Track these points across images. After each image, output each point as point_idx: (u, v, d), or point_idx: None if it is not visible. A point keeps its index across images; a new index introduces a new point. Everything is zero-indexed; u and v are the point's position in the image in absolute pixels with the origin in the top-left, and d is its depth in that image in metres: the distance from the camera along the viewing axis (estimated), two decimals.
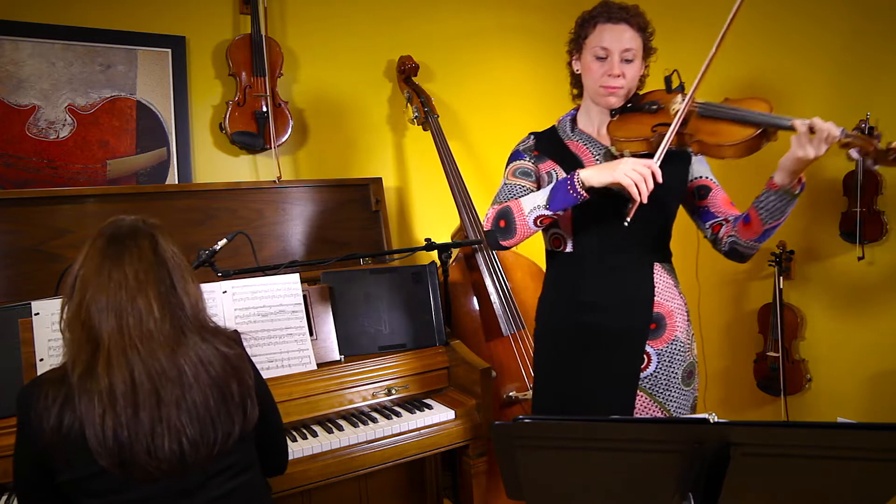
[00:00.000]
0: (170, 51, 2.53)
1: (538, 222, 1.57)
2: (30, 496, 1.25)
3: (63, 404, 1.16)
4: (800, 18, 2.56)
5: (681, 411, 1.62)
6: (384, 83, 2.99)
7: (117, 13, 2.44)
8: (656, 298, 1.61)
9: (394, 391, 2.12)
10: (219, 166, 2.65)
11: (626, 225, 1.46)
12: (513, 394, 2.41)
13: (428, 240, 2.40)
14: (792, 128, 1.38)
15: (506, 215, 1.61)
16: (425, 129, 2.84)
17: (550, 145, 1.73)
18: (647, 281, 1.61)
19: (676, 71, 1.60)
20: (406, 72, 2.86)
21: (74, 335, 1.21)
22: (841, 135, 1.34)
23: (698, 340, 2.96)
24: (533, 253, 2.52)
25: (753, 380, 2.76)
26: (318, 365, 2.02)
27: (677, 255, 1.76)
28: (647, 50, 1.64)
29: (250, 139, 2.58)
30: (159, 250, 1.27)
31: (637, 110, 1.63)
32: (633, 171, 1.42)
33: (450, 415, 2.05)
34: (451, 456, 2.19)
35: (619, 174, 1.43)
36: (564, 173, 1.64)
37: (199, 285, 1.33)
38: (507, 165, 1.76)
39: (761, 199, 1.49)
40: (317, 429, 1.94)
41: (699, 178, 1.67)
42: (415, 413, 2.04)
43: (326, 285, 2.14)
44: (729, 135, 1.48)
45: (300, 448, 1.81)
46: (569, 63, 1.73)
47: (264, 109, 2.59)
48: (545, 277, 1.81)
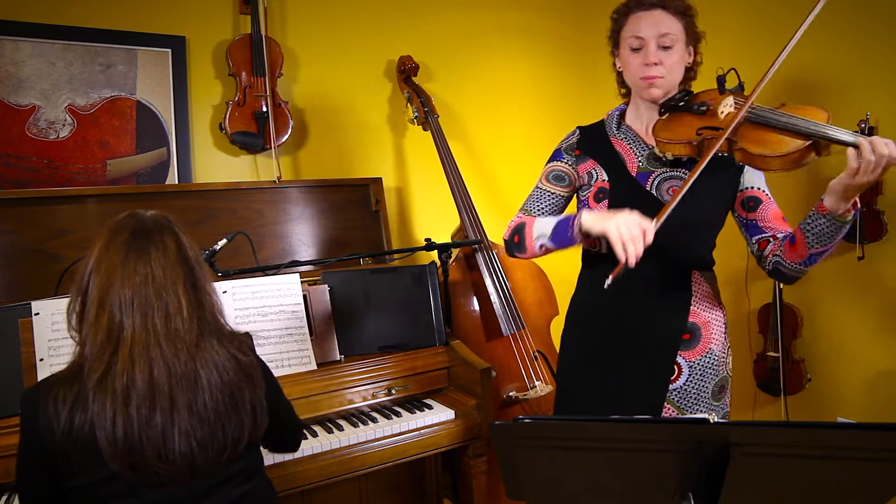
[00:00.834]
0: (170, 51, 2.53)
1: (542, 249, 1.53)
2: (35, 501, 1.22)
3: (74, 405, 1.13)
4: (800, 19, 2.56)
5: None
6: (384, 83, 2.99)
7: (117, 13, 2.44)
8: (692, 307, 1.52)
9: (394, 391, 2.12)
10: (219, 166, 2.65)
11: (605, 287, 1.28)
12: (513, 394, 2.41)
13: (428, 240, 2.40)
14: (851, 144, 1.24)
15: (520, 232, 1.58)
16: (425, 129, 2.84)
17: (595, 143, 1.62)
18: (683, 288, 1.52)
19: (734, 69, 1.46)
20: (406, 72, 2.86)
21: (91, 331, 1.16)
22: None
23: None
24: None
25: (753, 380, 2.76)
26: (318, 365, 2.02)
27: None
28: (691, 34, 1.50)
29: (250, 139, 2.59)
30: (183, 248, 1.24)
31: (686, 110, 1.48)
32: (626, 229, 1.29)
33: (450, 415, 2.05)
34: (451, 456, 2.19)
35: (611, 227, 1.31)
36: (606, 175, 1.56)
37: (215, 287, 1.30)
38: (547, 164, 1.67)
39: (809, 221, 1.36)
40: (317, 429, 1.94)
41: (750, 188, 1.53)
42: (415, 413, 2.04)
43: (326, 285, 2.14)
44: (776, 145, 1.33)
45: (300, 448, 1.81)
46: (613, 63, 1.62)
47: (264, 109, 2.59)
48: (579, 277, 1.69)
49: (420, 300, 2.26)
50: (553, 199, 1.63)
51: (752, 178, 1.54)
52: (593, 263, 1.61)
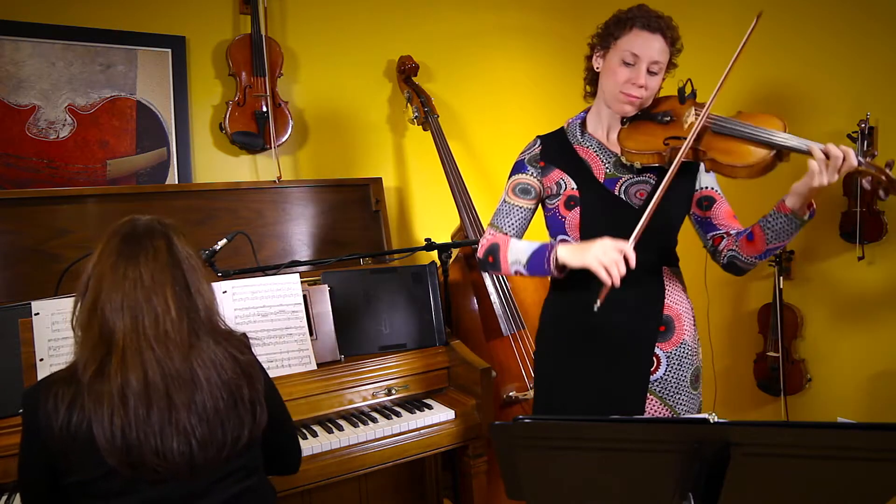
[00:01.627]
0: (170, 51, 2.53)
1: (518, 274, 1.60)
2: (37, 499, 1.24)
3: (72, 403, 1.15)
4: (800, 20, 2.56)
5: (690, 415, 1.60)
6: (384, 83, 2.99)
7: (117, 13, 2.44)
8: (666, 301, 1.60)
9: (394, 391, 2.12)
10: (219, 166, 2.65)
11: (595, 310, 1.39)
12: (513, 394, 2.41)
13: (428, 240, 2.40)
14: (806, 152, 1.35)
15: (494, 253, 1.63)
16: (425, 129, 2.84)
17: (558, 152, 1.67)
18: (656, 284, 1.60)
19: (690, 80, 1.54)
20: (406, 72, 2.86)
21: (87, 333, 1.20)
22: (858, 163, 1.29)
23: (706, 343, 2.97)
24: None
25: (753, 380, 2.76)
26: (318, 365, 2.02)
27: (687, 260, 1.73)
28: (671, 65, 1.60)
29: (250, 139, 2.59)
30: (174, 251, 1.26)
31: (649, 119, 1.56)
32: (605, 256, 1.39)
33: (450, 415, 2.05)
34: (451, 456, 2.19)
35: (591, 258, 1.40)
36: (574, 183, 1.61)
37: (213, 287, 1.32)
38: (510, 177, 1.71)
39: (769, 219, 1.46)
40: (317, 429, 1.94)
41: (705, 188, 1.63)
42: (415, 413, 2.04)
43: (326, 285, 2.14)
44: (743, 155, 1.42)
45: (300, 448, 1.81)
46: (588, 57, 1.66)
47: (264, 109, 2.59)
48: (547, 298, 1.76)
49: (420, 300, 2.26)
50: (522, 212, 1.68)
51: (707, 179, 1.64)
52: (563, 285, 1.65)
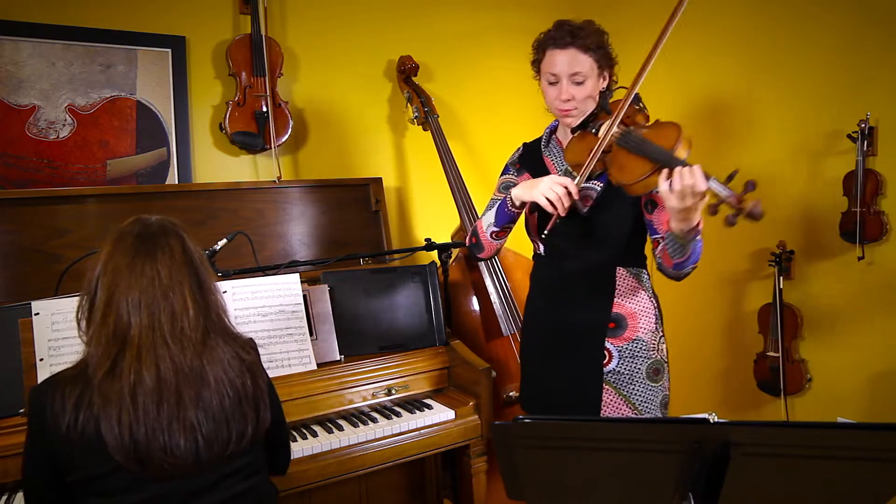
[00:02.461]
0: (170, 51, 2.53)
1: (494, 236, 1.74)
2: (41, 498, 1.24)
3: (80, 401, 1.16)
4: (798, 19, 2.56)
5: (647, 405, 1.68)
6: (384, 83, 2.99)
7: (117, 13, 2.44)
8: (616, 300, 1.68)
9: (394, 391, 2.12)
10: (219, 166, 2.65)
11: (543, 236, 1.60)
12: (513, 394, 2.41)
13: (428, 240, 2.40)
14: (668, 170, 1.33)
15: (475, 234, 1.79)
16: (425, 129, 2.84)
17: (531, 158, 1.83)
18: (607, 283, 1.69)
19: (609, 87, 1.63)
20: (406, 72, 2.86)
21: (100, 330, 1.20)
22: (710, 191, 1.26)
23: (706, 343, 2.97)
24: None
25: (753, 380, 2.76)
26: (318, 365, 2.02)
27: None
28: (604, 63, 1.66)
29: (250, 139, 2.58)
30: (188, 250, 1.28)
31: (584, 128, 1.64)
32: (550, 190, 1.51)
33: (450, 415, 2.05)
34: (451, 456, 2.19)
35: (537, 193, 1.53)
36: None
37: (220, 288, 1.34)
38: (500, 176, 1.89)
39: (667, 235, 1.48)
40: (317, 429, 1.94)
41: (654, 192, 1.60)
42: (415, 413, 2.04)
43: (326, 285, 2.14)
44: (631, 171, 1.42)
45: (300, 448, 1.81)
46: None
47: (264, 109, 2.59)
48: (528, 293, 1.89)
49: (420, 300, 2.26)
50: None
51: None
52: (535, 265, 1.84)
